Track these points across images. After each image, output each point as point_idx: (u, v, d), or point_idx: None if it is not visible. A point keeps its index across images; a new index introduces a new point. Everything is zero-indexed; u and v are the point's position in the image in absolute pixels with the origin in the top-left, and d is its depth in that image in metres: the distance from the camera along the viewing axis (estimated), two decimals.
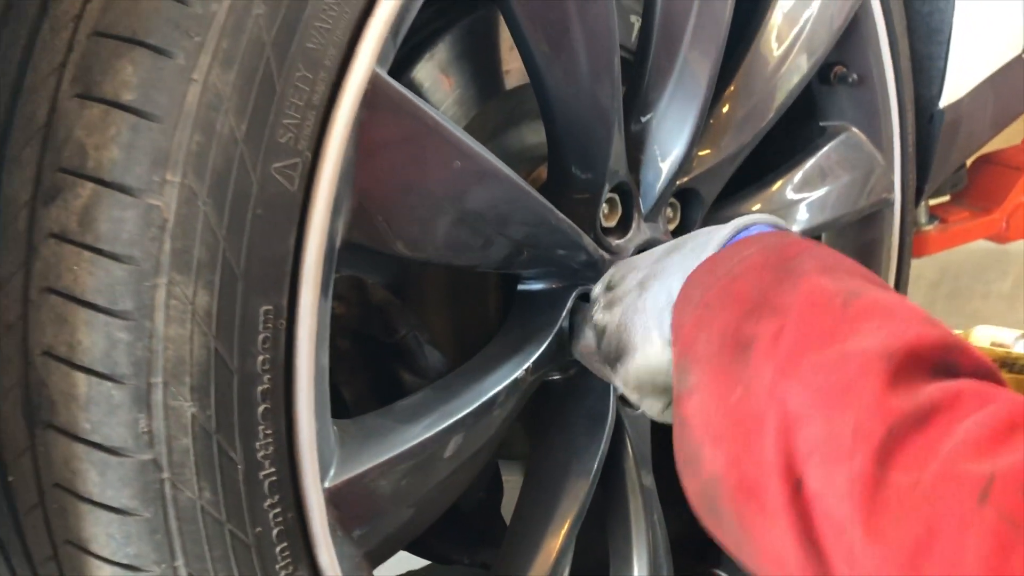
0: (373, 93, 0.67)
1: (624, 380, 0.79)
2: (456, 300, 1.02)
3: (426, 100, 0.97)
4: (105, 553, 0.63)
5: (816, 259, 0.65)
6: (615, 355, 0.79)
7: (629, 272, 0.82)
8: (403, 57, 0.97)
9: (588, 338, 0.87)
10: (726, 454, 0.58)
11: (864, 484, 0.50)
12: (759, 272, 0.64)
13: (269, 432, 0.65)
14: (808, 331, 0.58)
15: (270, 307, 0.64)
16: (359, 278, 0.92)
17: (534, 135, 1.07)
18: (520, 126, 1.07)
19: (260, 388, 0.64)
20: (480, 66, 1.03)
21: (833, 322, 0.58)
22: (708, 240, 0.74)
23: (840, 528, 0.51)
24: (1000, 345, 0.98)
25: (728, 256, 0.70)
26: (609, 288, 0.83)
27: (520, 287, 0.97)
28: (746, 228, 0.74)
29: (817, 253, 0.66)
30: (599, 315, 0.82)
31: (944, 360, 0.55)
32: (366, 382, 0.94)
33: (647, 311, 0.75)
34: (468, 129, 1.01)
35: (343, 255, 0.92)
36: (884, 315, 0.58)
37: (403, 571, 1.22)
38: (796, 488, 0.53)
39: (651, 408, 0.80)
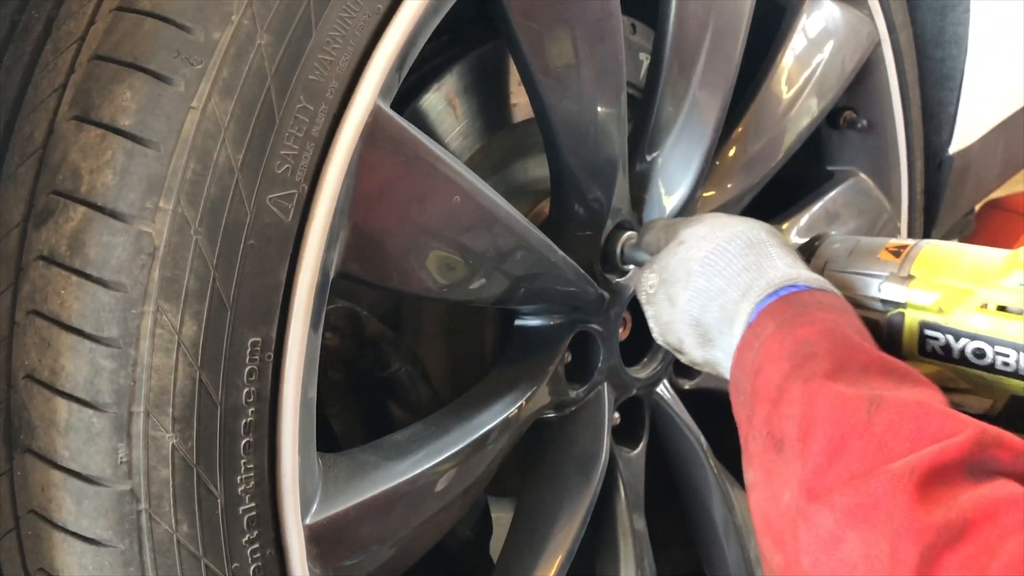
0: (374, 126, 0.66)
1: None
2: (452, 333, 1.01)
3: (432, 130, 0.97)
4: None
5: (826, 349, 0.64)
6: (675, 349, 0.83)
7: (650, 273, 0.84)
8: (410, 85, 0.97)
9: None
10: (784, 558, 0.58)
11: None
12: (776, 362, 0.65)
13: (251, 466, 0.64)
14: (832, 444, 0.57)
15: (258, 339, 0.63)
16: (354, 309, 0.91)
17: (540, 168, 1.06)
18: (526, 159, 1.06)
19: (244, 421, 0.63)
20: (488, 98, 1.02)
21: (858, 436, 0.57)
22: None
23: None
24: None
25: (752, 339, 0.70)
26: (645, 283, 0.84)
27: (517, 322, 0.96)
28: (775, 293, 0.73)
29: (828, 337, 0.65)
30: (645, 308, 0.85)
31: (979, 460, 0.53)
32: (357, 415, 0.93)
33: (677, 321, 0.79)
34: (473, 160, 1.00)
35: (338, 285, 0.92)
36: (909, 424, 0.56)
37: None
38: None
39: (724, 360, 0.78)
